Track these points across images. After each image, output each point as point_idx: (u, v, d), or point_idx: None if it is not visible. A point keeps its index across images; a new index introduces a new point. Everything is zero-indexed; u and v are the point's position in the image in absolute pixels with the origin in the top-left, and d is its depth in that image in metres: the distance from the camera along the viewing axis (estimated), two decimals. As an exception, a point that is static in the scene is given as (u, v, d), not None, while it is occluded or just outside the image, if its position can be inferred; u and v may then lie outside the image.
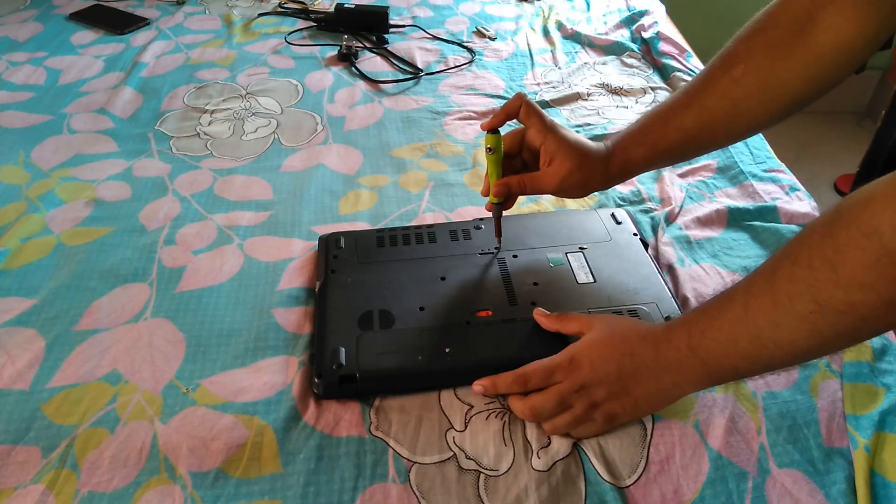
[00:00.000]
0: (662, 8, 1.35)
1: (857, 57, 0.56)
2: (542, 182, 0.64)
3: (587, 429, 0.54)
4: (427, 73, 1.12)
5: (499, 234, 0.69)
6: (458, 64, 1.15)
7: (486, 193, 0.67)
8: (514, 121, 0.64)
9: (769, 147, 0.92)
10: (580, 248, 0.70)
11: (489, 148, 0.63)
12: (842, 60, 0.56)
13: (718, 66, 0.61)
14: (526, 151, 0.65)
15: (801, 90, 0.58)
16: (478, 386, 0.56)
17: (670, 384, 0.51)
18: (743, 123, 0.62)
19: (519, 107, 0.62)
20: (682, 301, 0.66)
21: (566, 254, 0.69)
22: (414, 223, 0.78)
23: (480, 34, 1.26)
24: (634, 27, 1.25)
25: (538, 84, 1.10)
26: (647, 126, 0.64)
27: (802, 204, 0.79)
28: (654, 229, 0.77)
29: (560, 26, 1.29)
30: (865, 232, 0.38)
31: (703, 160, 0.89)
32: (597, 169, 0.63)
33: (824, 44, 0.56)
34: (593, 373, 0.52)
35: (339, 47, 1.18)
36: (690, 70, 1.09)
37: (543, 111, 0.63)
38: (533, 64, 1.16)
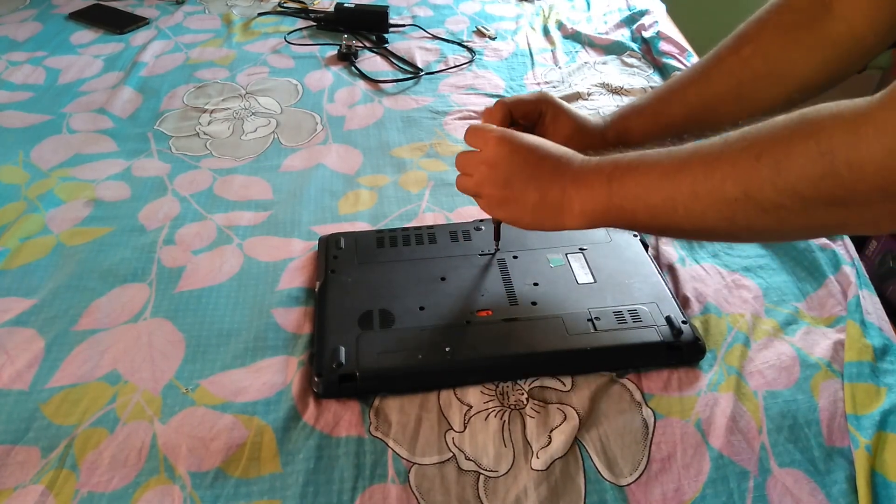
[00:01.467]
0: (663, 7, 1.35)
1: (868, 51, 0.56)
2: None
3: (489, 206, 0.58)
4: (427, 73, 1.12)
5: (497, 238, 0.69)
6: (458, 63, 1.15)
7: None
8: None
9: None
10: (580, 248, 0.70)
11: None
12: (852, 52, 0.56)
13: (728, 46, 0.61)
14: (523, 119, 0.64)
15: (808, 77, 0.58)
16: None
17: (568, 200, 0.52)
18: (747, 105, 0.61)
19: (507, 112, 0.61)
20: (682, 301, 0.66)
21: (566, 255, 0.69)
22: (414, 223, 0.78)
23: (480, 34, 1.26)
24: (635, 27, 1.25)
25: (538, 84, 1.10)
26: (651, 98, 0.65)
27: (803, 203, 0.79)
28: (655, 229, 0.77)
29: (560, 26, 1.29)
30: (822, 150, 0.38)
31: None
32: (594, 138, 0.64)
33: (836, 33, 0.56)
34: (503, 167, 0.54)
35: (338, 47, 1.18)
36: (691, 69, 1.09)
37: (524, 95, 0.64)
38: (533, 63, 1.16)
